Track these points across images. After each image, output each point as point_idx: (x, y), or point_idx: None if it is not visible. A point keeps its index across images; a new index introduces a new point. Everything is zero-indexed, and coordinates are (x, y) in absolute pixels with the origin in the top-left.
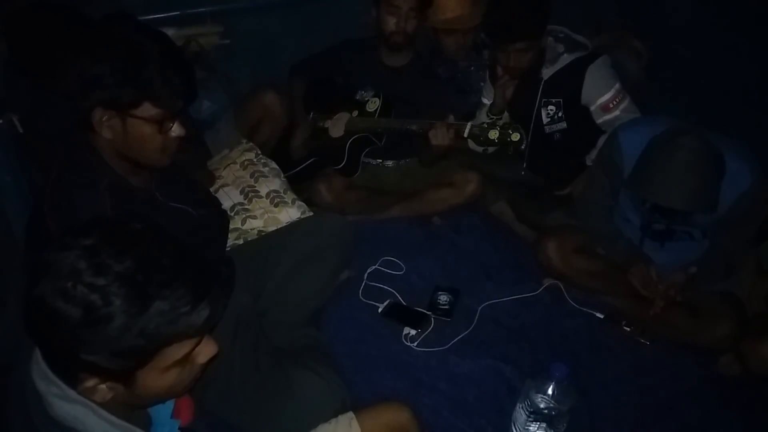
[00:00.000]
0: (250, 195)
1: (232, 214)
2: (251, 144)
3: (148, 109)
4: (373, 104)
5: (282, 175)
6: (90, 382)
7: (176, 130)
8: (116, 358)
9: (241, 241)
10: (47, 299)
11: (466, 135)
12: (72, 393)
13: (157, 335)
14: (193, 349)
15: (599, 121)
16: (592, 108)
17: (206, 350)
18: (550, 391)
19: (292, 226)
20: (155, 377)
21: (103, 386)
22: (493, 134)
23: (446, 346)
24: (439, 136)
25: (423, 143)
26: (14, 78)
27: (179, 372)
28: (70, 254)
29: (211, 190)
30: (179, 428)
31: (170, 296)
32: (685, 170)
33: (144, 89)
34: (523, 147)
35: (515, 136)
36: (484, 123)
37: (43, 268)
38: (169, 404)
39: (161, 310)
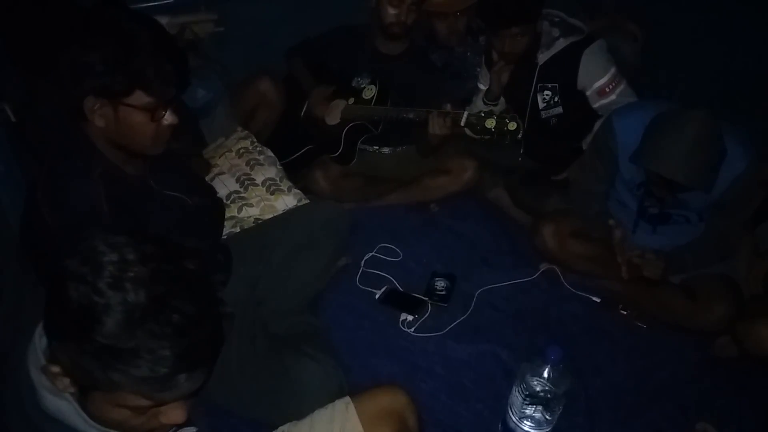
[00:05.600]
0: (246, 183)
1: (228, 202)
2: (247, 132)
3: (140, 98)
4: (369, 92)
5: (278, 163)
6: (55, 368)
7: (169, 118)
8: (74, 369)
9: (237, 229)
10: (67, 270)
11: (462, 124)
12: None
13: (119, 377)
14: (156, 406)
15: (595, 105)
16: (588, 92)
17: (171, 414)
18: (545, 374)
19: (289, 214)
20: (104, 406)
21: (66, 380)
22: (490, 123)
23: (443, 332)
24: (437, 126)
25: (420, 133)
26: (6, 66)
27: (131, 416)
28: (110, 255)
29: (207, 178)
30: None
31: (153, 350)
32: (691, 143)
33: (136, 77)
34: (519, 136)
35: (512, 126)
36: (481, 112)
37: (88, 247)
38: None
39: (136, 356)
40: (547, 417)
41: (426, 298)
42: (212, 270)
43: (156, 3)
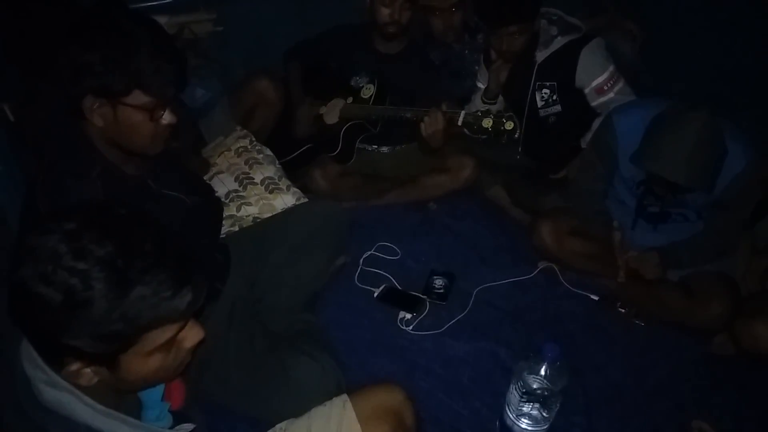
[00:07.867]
0: (245, 182)
1: (227, 201)
2: (246, 131)
3: (138, 97)
4: (368, 91)
5: (277, 162)
6: (74, 366)
7: (167, 117)
8: (98, 343)
9: (236, 228)
10: (28, 283)
11: (459, 123)
12: (58, 379)
13: (138, 320)
14: (177, 333)
15: (594, 103)
16: (587, 91)
17: (192, 335)
18: (542, 372)
19: (287, 213)
20: (139, 362)
21: (88, 370)
22: (487, 123)
23: (441, 330)
24: (430, 125)
25: (421, 132)
26: (5, 66)
27: (164, 357)
28: (52, 238)
29: (206, 177)
30: (170, 411)
31: (152, 281)
32: (693, 145)
33: (134, 77)
34: (516, 136)
35: (509, 125)
36: (478, 111)
37: (26, 251)
38: (160, 387)
39: (142, 295)
40: (545, 414)
41: (424, 297)
42: (211, 269)
43: (155, 2)
